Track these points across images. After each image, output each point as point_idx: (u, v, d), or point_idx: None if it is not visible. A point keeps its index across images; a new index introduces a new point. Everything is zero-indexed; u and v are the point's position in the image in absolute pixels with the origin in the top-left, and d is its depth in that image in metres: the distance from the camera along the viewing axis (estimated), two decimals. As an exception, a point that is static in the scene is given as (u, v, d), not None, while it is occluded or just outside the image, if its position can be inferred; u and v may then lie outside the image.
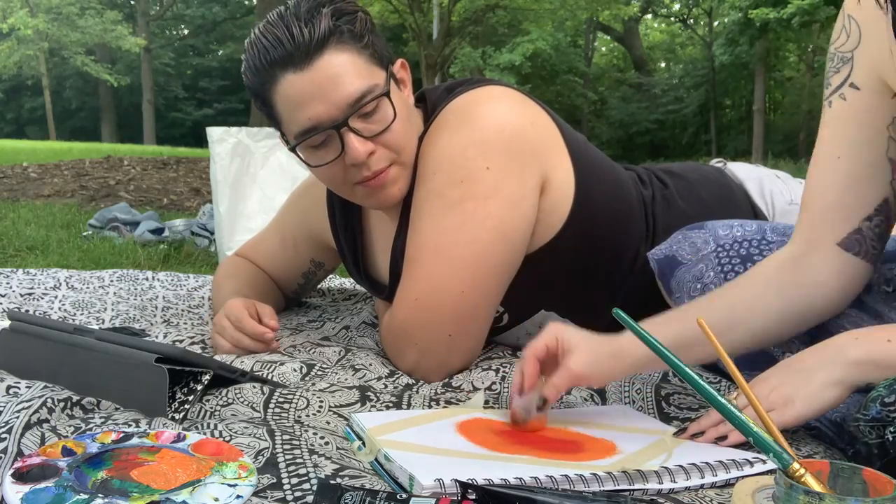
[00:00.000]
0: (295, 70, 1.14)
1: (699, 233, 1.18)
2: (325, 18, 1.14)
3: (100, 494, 0.73)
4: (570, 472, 0.81)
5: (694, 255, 1.16)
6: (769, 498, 0.66)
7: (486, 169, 1.18)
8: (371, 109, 1.17)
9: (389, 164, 1.21)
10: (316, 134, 1.17)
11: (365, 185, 1.22)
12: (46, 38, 23.06)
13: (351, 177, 1.21)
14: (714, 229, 1.17)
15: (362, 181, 1.21)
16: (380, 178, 1.21)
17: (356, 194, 1.26)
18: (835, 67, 0.98)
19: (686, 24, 26.44)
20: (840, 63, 0.97)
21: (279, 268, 1.61)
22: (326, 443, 0.91)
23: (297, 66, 1.14)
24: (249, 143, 2.71)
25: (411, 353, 1.22)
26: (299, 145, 1.20)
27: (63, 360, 1.05)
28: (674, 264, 1.20)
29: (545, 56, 19.93)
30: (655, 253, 1.23)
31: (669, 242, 1.22)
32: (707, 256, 1.12)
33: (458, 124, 1.21)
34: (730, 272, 1.12)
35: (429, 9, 16.57)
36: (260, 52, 1.16)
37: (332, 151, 1.19)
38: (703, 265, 1.14)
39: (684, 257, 1.16)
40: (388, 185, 1.22)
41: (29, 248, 2.89)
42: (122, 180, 5.76)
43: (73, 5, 22.99)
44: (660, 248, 1.23)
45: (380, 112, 1.18)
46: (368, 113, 1.17)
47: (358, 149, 1.16)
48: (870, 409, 0.82)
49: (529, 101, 1.28)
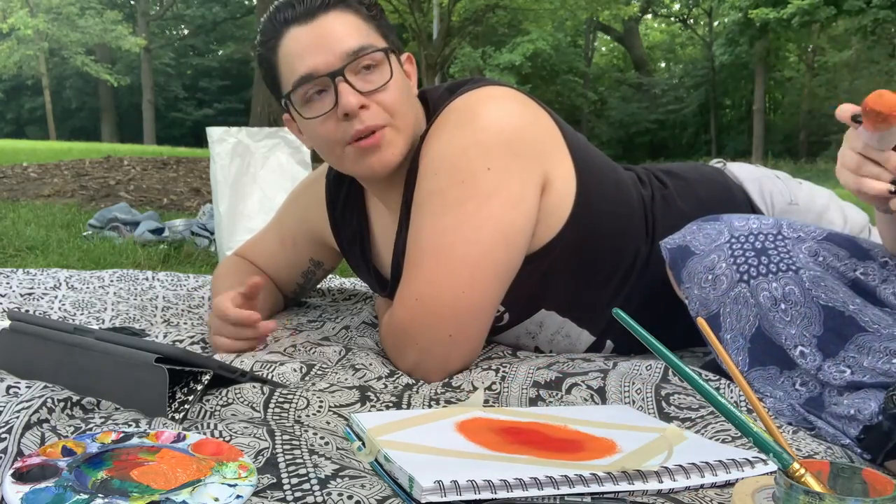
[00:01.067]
0: (299, 24, 1.21)
1: (714, 224, 1.17)
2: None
3: (100, 494, 0.73)
4: (570, 472, 0.81)
5: (707, 246, 1.15)
6: (769, 498, 0.66)
7: (487, 169, 1.18)
8: (368, 65, 1.21)
9: (384, 126, 1.23)
10: (311, 81, 1.21)
11: (357, 146, 1.23)
12: (46, 38, 23.06)
13: (343, 133, 1.22)
14: (730, 221, 1.16)
15: (355, 138, 1.22)
16: (374, 138, 1.22)
17: (347, 157, 1.26)
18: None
19: (686, 24, 26.45)
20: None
21: (278, 267, 1.61)
22: (326, 443, 0.91)
23: (302, 21, 1.21)
24: (249, 143, 2.71)
25: (411, 353, 1.22)
26: (294, 93, 1.23)
27: (63, 360, 1.05)
28: (686, 254, 1.19)
29: (545, 56, 19.94)
30: (668, 242, 1.22)
31: (683, 232, 1.21)
32: (721, 247, 1.11)
33: (459, 124, 1.21)
34: (742, 264, 1.11)
35: (429, 9, 16.56)
36: (272, 13, 1.25)
37: (326, 104, 1.22)
38: (716, 255, 1.13)
39: (697, 248, 1.15)
40: (382, 146, 1.23)
41: (29, 248, 2.89)
42: (122, 180, 5.76)
43: (73, 5, 22.99)
44: (673, 238, 1.22)
45: (377, 72, 1.22)
46: (366, 69, 1.21)
47: (350, 98, 1.19)
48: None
49: (530, 102, 1.28)
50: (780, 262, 1.07)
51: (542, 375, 1.19)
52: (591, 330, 1.36)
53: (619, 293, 1.33)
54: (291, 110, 1.26)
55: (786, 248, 1.07)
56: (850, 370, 0.99)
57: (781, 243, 1.09)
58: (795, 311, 1.05)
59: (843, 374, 0.99)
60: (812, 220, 1.42)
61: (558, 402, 1.13)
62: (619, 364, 1.24)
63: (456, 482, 0.76)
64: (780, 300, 1.06)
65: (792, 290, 1.05)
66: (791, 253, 1.06)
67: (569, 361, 1.27)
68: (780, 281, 1.06)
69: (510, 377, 1.20)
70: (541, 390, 1.16)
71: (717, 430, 1.02)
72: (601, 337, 1.37)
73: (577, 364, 1.25)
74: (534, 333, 1.38)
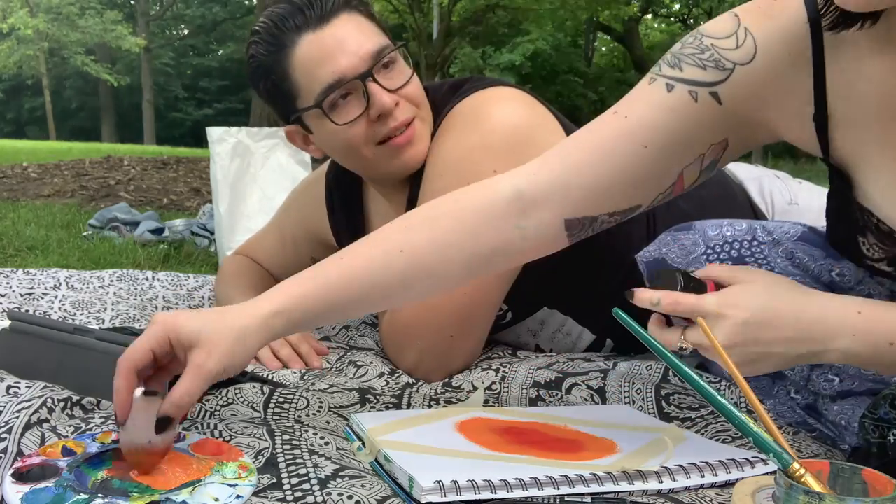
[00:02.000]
0: (313, 30, 1.19)
1: (688, 234, 1.16)
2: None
3: (100, 494, 0.73)
4: (570, 473, 0.81)
5: (684, 259, 1.14)
6: (769, 498, 0.66)
7: (493, 171, 1.18)
8: (387, 63, 1.22)
9: (413, 118, 1.24)
10: (341, 86, 1.19)
11: (390, 145, 1.23)
12: (46, 38, 23.06)
13: (376, 134, 1.22)
14: (703, 230, 1.15)
15: (388, 137, 1.22)
16: (407, 134, 1.23)
17: (379, 157, 1.25)
18: (700, 61, 0.86)
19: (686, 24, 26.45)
20: (712, 63, 0.85)
21: (279, 266, 1.61)
22: (326, 443, 0.91)
23: (314, 27, 1.20)
24: (249, 143, 2.71)
25: (412, 352, 1.22)
26: (323, 103, 1.21)
27: (63, 360, 1.05)
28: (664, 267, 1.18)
29: (545, 56, 19.92)
30: (644, 255, 1.22)
31: (658, 244, 1.21)
32: (697, 259, 1.10)
33: (465, 126, 1.21)
34: None
35: (429, 9, 16.57)
36: (275, 21, 1.21)
37: (355, 107, 1.21)
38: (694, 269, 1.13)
39: (674, 260, 1.14)
40: (415, 141, 1.24)
41: (29, 248, 2.89)
42: (122, 180, 5.76)
43: (73, 5, 22.99)
44: (648, 250, 1.21)
45: (397, 67, 1.23)
46: (385, 67, 1.21)
47: (384, 98, 1.19)
48: (878, 409, 0.81)
49: (536, 103, 1.28)
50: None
51: (542, 375, 1.19)
52: (592, 328, 1.36)
53: (620, 291, 1.33)
54: (311, 120, 1.25)
55: (762, 253, 1.06)
56: (838, 378, 0.98)
57: (757, 249, 1.08)
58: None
59: (832, 384, 0.99)
60: (812, 219, 1.42)
61: (558, 402, 1.13)
62: (619, 364, 1.24)
63: (456, 482, 0.76)
64: None
65: None
66: (768, 258, 1.05)
67: (569, 361, 1.27)
68: None
69: (510, 377, 1.20)
70: (541, 390, 1.16)
71: (717, 430, 1.02)
72: (601, 336, 1.37)
73: (577, 364, 1.25)
74: (535, 331, 1.38)
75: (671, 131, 0.87)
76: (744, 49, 0.84)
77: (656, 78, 0.88)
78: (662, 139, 0.87)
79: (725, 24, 0.86)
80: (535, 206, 0.92)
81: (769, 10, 0.84)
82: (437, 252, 0.91)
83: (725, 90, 0.85)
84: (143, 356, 0.80)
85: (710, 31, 0.87)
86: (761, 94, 0.85)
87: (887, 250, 0.85)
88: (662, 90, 0.87)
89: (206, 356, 0.80)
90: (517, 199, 0.92)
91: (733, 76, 0.85)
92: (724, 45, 0.85)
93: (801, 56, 0.82)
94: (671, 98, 0.86)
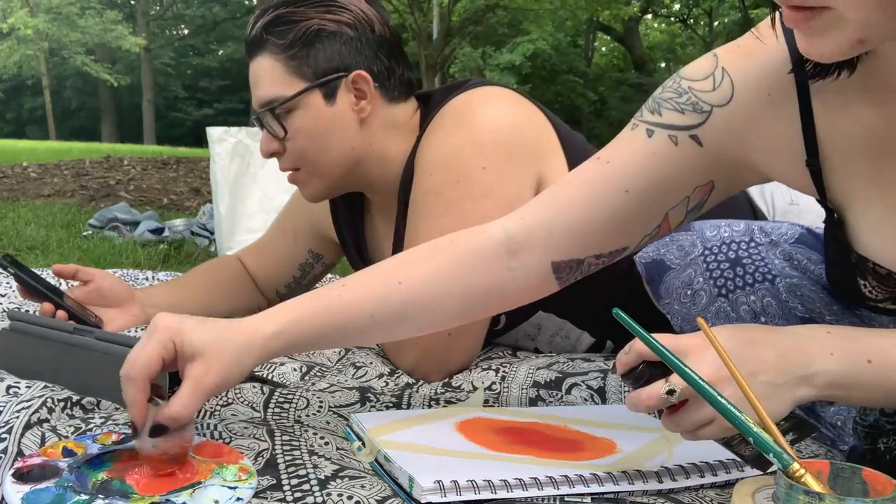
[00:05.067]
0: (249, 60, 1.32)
1: (686, 235, 1.16)
2: (259, 25, 1.27)
3: (100, 495, 0.73)
4: (570, 472, 0.81)
5: (682, 260, 1.14)
6: (769, 498, 0.66)
7: (482, 169, 1.18)
8: (283, 112, 1.27)
9: (296, 169, 1.32)
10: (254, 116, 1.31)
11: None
12: (46, 38, 23.05)
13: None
14: (701, 230, 1.15)
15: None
16: (291, 176, 1.34)
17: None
18: (678, 105, 0.85)
19: (686, 24, 26.45)
20: (689, 107, 0.84)
21: (274, 258, 1.60)
22: (326, 443, 0.91)
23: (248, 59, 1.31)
24: (249, 143, 2.71)
25: (411, 352, 1.22)
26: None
27: (63, 360, 1.05)
28: (662, 269, 1.18)
29: (545, 56, 19.90)
30: (642, 256, 1.22)
31: (657, 245, 1.20)
32: (695, 260, 1.10)
33: (453, 125, 1.22)
34: (719, 277, 1.10)
35: (429, 9, 16.56)
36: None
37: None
38: (692, 270, 1.12)
39: (672, 261, 1.14)
40: (299, 184, 1.35)
41: (29, 248, 2.90)
42: (122, 180, 5.76)
43: (73, 5, 22.99)
44: (647, 252, 1.21)
45: (289, 120, 1.27)
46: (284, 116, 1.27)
47: (261, 146, 1.31)
48: (868, 417, 0.81)
49: (525, 102, 1.29)
50: (755, 272, 1.05)
51: (542, 375, 1.19)
52: (591, 331, 1.36)
53: (617, 293, 1.33)
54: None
55: (759, 255, 1.06)
56: None
57: (755, 250, 1.07)
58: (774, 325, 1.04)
59: None
60: (812, 220, 1.42)
61: (558, 402, 1.13)
62: (619, 364, 1.24)
63: (456, 482, 0.76)
64: (760, 313, 1.04)
65: (770, 302, 1.03)
66: (766, 260, 1.04)
67: (569, 361, 1.27)
68: (757, 293, 1.05)
69: (510, 377, 1.20)
70: (541, 390, 1.16)
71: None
72: (601, 338, 1.37)
73: (577, 364, 1.25)
74: (532, 335, 1.37)
75: (652, 176, 0.86)
76: (721, 90, 0.83)
77: (638, 124, 0.88)
78: (644, 184, 0.86)
79: (703, 66, 0.85)
80: (522, 248, 0.92)
81: (748, 48, 0.83)
82: (434, 286, 0.91)
83: (705, 132, 0.84)
84: (157, 365, 0.79)
85: (689, 73, 0.86)
86: (741, 136, 0.83)
87: (889, 290, 0.83)
88: (643, 136, 0.87)
89: (205, 370, 0.80)
90: (507, 241, 0.92)
91: (711, 119, 0.83)
92: (701, 87, 0.84)
93: (782, 96, 0.80)
94: (652, 143, 0.86)
